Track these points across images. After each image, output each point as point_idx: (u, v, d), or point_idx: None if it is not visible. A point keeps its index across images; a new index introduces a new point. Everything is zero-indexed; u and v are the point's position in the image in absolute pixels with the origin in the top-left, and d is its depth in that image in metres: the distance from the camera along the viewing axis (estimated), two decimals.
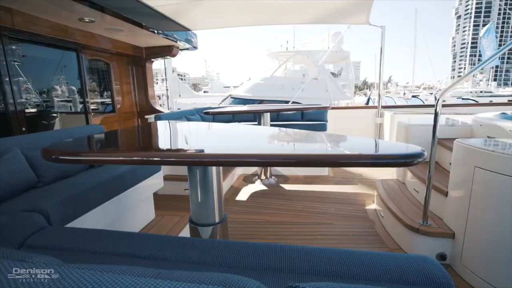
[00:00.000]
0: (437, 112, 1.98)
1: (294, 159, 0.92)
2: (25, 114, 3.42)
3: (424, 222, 2.13)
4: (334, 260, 0.88)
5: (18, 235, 1.08)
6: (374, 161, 0.89)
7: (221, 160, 1.14)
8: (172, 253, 0.95)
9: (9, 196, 1.67)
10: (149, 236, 1.16)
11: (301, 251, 0.96)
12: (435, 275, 0.80)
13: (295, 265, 0.89)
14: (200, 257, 0.92)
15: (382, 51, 4.98)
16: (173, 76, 21.02)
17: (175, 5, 3.71)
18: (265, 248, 1.03)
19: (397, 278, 0.80)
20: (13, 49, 3.60)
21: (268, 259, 0.97)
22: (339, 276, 0.82)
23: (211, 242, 1.06)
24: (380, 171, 4.38)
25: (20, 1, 2.92)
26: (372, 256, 0.88)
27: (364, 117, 5.42)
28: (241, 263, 0.93)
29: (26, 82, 3.82)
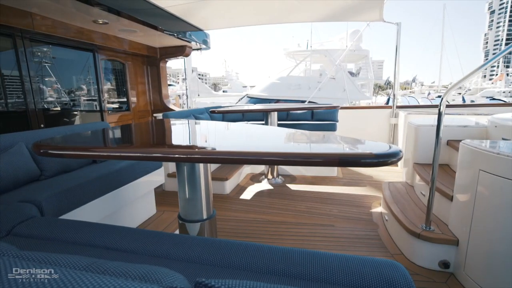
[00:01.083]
0: (440, 112, 1.88)
1: (251, 157, 0.91)
2: (47, 111, 3.65)
3: (427, 227, 2.03)
4: (296, 260, 0.86)
5: (7, 224, 1.15)
6: (342, 160, 0.86)
7: (198, 156, 1.15)
8: (140, 247, 0.97)
9: (11, 188, 1.79)
10: (129, 230, 1.19)
11: (274, 251, 0.95)
12: (396, 282, 0.76)
13: (255, 264, 0.88)
14: (166, 251, 0.94)
15: (398, 49, 4.80)
16: (193, 76, 21.43)
17: (185, 5, 3.78)
18: (238, 246, 1.02)
19: (356, 282, 0.77)
20: (44, 51, 3.86)
21: (238, 258, 0.97)
22: (295, 276, 0.80)
23: (185, 237, 1.07)
24: (391, 173, 4.23)
25: (39, 5, 3.10)
26: (338, 259, 0.86)
27: (378, 118, 5.25)
28: (204, 259, 0.93)
29: (56, 82, 4.10)
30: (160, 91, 5.77)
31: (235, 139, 1.64)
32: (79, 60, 4.35)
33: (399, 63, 4.79)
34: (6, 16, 3.04)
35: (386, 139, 5.25)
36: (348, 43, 13.80)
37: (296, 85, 13.58)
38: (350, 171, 4.41)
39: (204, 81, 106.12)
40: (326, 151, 0.93)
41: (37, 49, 3.78)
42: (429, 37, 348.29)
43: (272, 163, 0.93)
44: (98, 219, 1.92)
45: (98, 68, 4.42)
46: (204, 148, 1.28)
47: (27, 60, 3.43)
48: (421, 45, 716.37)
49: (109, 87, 5.04)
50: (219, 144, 1.49)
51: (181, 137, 1.72)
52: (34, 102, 3.47)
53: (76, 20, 3.61)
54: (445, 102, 1.87)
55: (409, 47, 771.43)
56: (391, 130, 5.13)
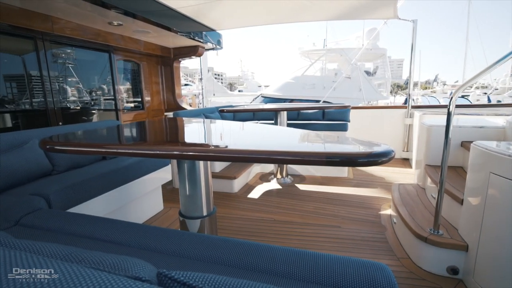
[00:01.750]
0: (450, 112, 1.81)
1: (238, 154, 0.91)
2: (67, 110, 3.84)
3: (435, 231, 1.96)
4: (280, 258, 0.86)
5: (16, 214, 1.22)
6: (329, 159, 0.85)
7: (194, 154, 1.17)
8: (132, 239, 1.00)
9: (25, 181, 1.90)
10: (129, 224, 1.23)
11: (259, 248, 0.95)
12: (379, 284, 0.74)
13: (239, 260, 0.88)
14: (157, 246, 0.96)
15: (413, 47, 4.65)
16: (208, 76, 21.72)
17: (196, 6, 3.84)
18: (227, 242, 1.04)
19: (338, 282, 0.75)
20: (68, 53, 4.07)
21: (225, 254, 0.98)
22: (277, 274, 0.79)
23: (176, 232, 1.09)
24: (404, 175, 4.12)
25: (59, 9, 3.25)
26: (322, 258, 0.85)
27: (392, 118, 5.11)
28: (191, 254, 0.95)
29: (78, 82, 4.31)
30: (174, 90, 5.89)
31: (230, 137, 1.66)
32: (100, 61, 4.54)
33: (414, 62, 4.64)
34: (28, 19, 3.21)
35: (401, 140, 5.10)
36: (364, 42, 13.48)
37: (311, 84, 13.43)
38: (362, 172, 4.32)
39: (220, 81, 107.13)
40: (313, 150, 0.92)
41: (61, 50, 4.00)
42: (454, 34, 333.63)
43: (255, 161, 0.93)
44: (104, 214, 1.99)
45: (113, 68, 4.58)
46: (203, 146, 1.30)
47: (47, 61, 3.60)
48: (444, 43, 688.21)
49: (128, 87, 5.25)
50: (217, 142, 1.51)
51: (183, 135, 1.76)
52: (53, 101, 3.64)
53: (92, 22, 3.75)
54: (455, 101, 1.80)
55: (431, 44, 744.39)
56: (405, 130, 4.97)
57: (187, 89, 35.63)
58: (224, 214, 2.92)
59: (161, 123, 2.25)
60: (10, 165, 1.83)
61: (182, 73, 54.43)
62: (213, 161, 3.97)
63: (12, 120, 3.51)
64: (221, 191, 3.62)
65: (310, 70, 15.40)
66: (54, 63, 3.95)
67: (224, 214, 2.93)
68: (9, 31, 3.18)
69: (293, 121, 4.84)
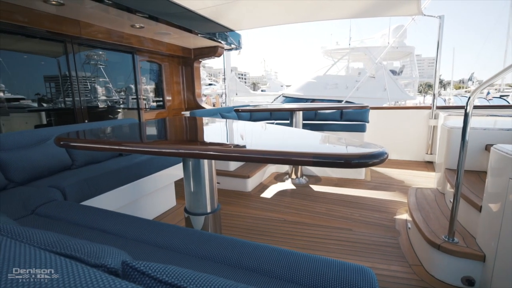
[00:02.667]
0: (467, 113, 1.71)
1: (226, 153, 0.93)
2: (94, 109, 4.12)
3: (450, 238, 1.86)
4: (264, 256, 0.87)
5: (33, 204, 1.33)
6: (316, 160, 0.84)
7: (196, 152, 1.21)
8: (130, 232, 1.05)
9: (46, 174, 2.06)
10: (134, 219, 1.29)
11: (245, 246, 0.96)
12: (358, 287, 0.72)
13: (224, 256, 0.90)
14: (153, 239, 1.01)
15: (439, 44, 4.41)
16: (231, 76, 21.97)
17: (214, 7, 3.91)
18: (217, 238, 1.06)
19: (317, 282, 0.75)
20: (99, 54, 4.37)
21: (213, 250, 1.00)
22: (258, 271, 0.80)
23: (180, 229, 1.13)
24: (425, 179, 3.93)
25: (87, 15, 3.46)
26: (305, 258, 0.84)
27: (415, 119, 4.88)
28: (182, 248, 0.98)
29: (108, 82, 4.60)
30: (194, 90, 6.03)
31: (230, 136, 1.68)
32: (127, 62, 4.79)
33: (440, 61, 4.40)
34: (59, 24, 3.45)
35: (424, 142, 4.86)
36: (390, 40, 12.95)
37: (333, 84, 13.15)
38: (380, 175, 4.18)
39: (243, 81, 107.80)
40: (301, 150, 0.92)
41: (94, 52, 4.29)
42: (493, 31, 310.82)
43: (244, 160, 0.95)
44: (116, 208, 2.10)
45: (136, 68, 4.78)
46: (205, 145, 1.33)
47: (75, 63, 3.84)
48: (483, 40, 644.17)
49: (154, 87, 5.51)
50: (217, 140, 1.54)
51: (190, 133, 1.81)
52: (80, 100, 3.88)
53: (116, 26, 3.95)
54: (473, 102, 1.70)
55: (468, 41, 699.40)
56: (429, 132, 4.73)
57: (211, 88, 36.30)
58: (235, 213, 2.95)
59: (173, 121, 2.33)
60: (33, 159, 1.99)
61: (207, 73, 55.29)
62: (210, 159, 4.07)
63: (47, 117, 3.81)
64: (235, 189, 3.66)
65: (333, 70, 15.07)
66: (87, 64, 4.26)
67: (235, 212, 2.96)
68: (44, 36, 3.45)
69: (310, 121, 4.78)
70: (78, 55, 3.89)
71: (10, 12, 2.93)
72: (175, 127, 2.08)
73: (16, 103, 3.50)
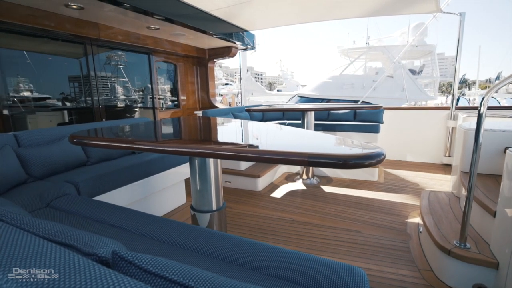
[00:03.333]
0: (480, 114, 1.64)
1: (220, 151, 0.95)
2: (112, 108, 4.30)
3: (461, 244, 1.80)
4: (259, 253, 0.88)
5: (48, 198, 1.41)
6: (312, 160, 0.84)
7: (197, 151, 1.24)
8: (133, 226, 1.10)
9: (62, 170, 2.17)
10: (142, 215, 1.35)
11: (241, 243, 0.98)
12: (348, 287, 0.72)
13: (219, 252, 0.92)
14: (155, 234, 1.05)
15: (460, 42, 4.24)
16: (247, 75, 22.09)
17: (227, 8, 3.96)
18: (213, 234, 1.09)
19: (308, 281, 0.75)
20: (120, 55, 4.56)
21: (210, 246, 1.03)
22: (252, 268, 0.82)
23: (185, 226, 1.17)
24: (441, 182, 3.80)
25: (105, 18, 3.60)
26: (299, 257, 0.85)
27: (432, 120, 4.72)
28: (183, 244, 1.01)
29: (127, 82, 4.79)
30: (208, 90, 6.12)
31: (231, 136, 1.71)
32: (146, 63, 4.95)
33: (460, 60, 4.23)
34: (79, 27, 3.61)
35: (442, 144, 4.70)
36: (409, 38, 12.53)
37: (349, 84, 12.90)
38: (394, 177, 4.08)
39: (260, 80, 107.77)
40: (297, 150, 0.92)
41: (114, 53, 4.48)
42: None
43: (239, 159, 0.96)
44: (127, 203, 2.18)
45: (152, 69, 4.92)
46: (211, 144, 1.36)
47: (94, 64, 4.00)
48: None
49: (170, 86, 5.67)
50: (220, 140, 1.57)
51: (196, 132, 1.85)
52: (98, 100, 4.04)
53: (133, 27, 4.08)
54: (486, 102, 1.63)
55: (496, 39, 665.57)
56: (448, 134, 4.56)
57: (227, 88, 36.60)
58: (243, 212, 2.98)
59: (183, 121, 2.39)
60: (51, 156, 2.12)
61: (223, 72, 55.61)
62: (208, 158, 4.13)
63: (68, 116, 4.01)
64: (245, 188, 3.69)
65: (350, 69, 14.80)
66: (108, 64, 4.46)
67: (244, 211, 2.99)
68: (67, 38, 3.64)
69: (323, 121, 4.74)
70: (97, 56, 4.05)
71: (36, 17, 3.11)
72: (185, 126, 2.14)
73: (42, 102, 3.72)
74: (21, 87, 3.47)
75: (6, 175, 1.76)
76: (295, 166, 4.42)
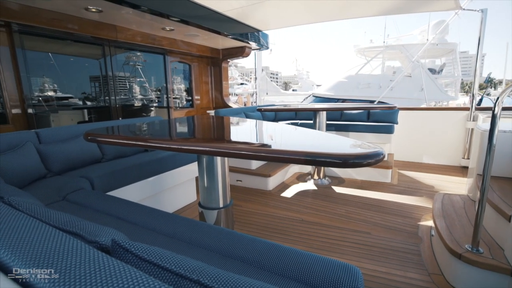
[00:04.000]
0: (495, 115, 1.59)
1: (220, 149, 0.97)
2: (129, 107, 4.47)
3: (473, 248, 1.74)
4: (256, 249, 0.90)
5: (65, 191, 1.50)
6: (309, 158, 0.86)
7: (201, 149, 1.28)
8: (143, 221, 1.15)
9: (79, 166, 2.29)
10: (151, 210, 1.41)
11: (239, 238, 1.01)
12: (341, 284, 0.73)
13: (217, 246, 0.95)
14: (161, 228, 1.10)
15: (481, 40, 4.07)
16: (262, 75, 22.10)
17: (239, 8, 4.00)
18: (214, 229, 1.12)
19: (302, 276, 0.77)
20: (138, 55, 4.73)
21: (210, 240, 1.06)
22: (247, 261, 0.84)
23: (190, 221, 1.21)
24: (458, 185, 3.67)
25: (123, 20, 3.73)
26: (294, 253, 0.87)
27: (451, 121, 4.56)
28: (185, 237, 1.05)
29: (145, 82, 4.96)
30: (221, 89, 6.20)
31: (236, 135, 1.74)
32: (162, 63, 5.10)
33: (481, 58, 4.06)
34: (99, 29, 3.76)
35: (461, 146, 4.53)
36: (429, 36, 12.09)
37: (365, 84, 12.64)
38: (409, 179, 3.99)
39: (275, 80, 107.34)
40: (294, 149, 0.94)
41: (132, 53, 4.65)
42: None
43: (235, 156, 0.98)
44: (139, 199, 2.26)
45: (167, 69, 5.05)
46: (217, 142, 1.40)
47: (112, 64, 4.16)
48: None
49: (186, 86, 5.81)
50: (226, 138, 1.60)
51: (204, 131, 1.89)
52: (115, 99, 4.20)
53: (149, 29, 4.21)
54: (501, 103, 1.58)
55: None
56: (467, 135, 4.39)
57: (242, 88, 36.77)
58: (253, 210, 3.01)
59: (194, 120, 2.44)
60: (69, 152, 2.24)
61: (239, 72, 55.86)
62: (212, 156, 4.19)
63: (88, 115, 4.20)
64: (256, 187, 3.72)
65: (366, 69, 14.47)
66: (126, 65, 4.64)
67: (253, 210, 3.02)
68: (87, 40, 3.81)
69: (336, 121, 4.69)
70: (115, 57, 4.20)
71: (61, 20, 3.28)
72: (194, 125, 2.19)
73: (65, 101, 3.92)
74: (46, 87, 3.68)
75: (27, 169, 1.88)
76: (307, 166, 4.40)
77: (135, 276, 0.45)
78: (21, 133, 2.21)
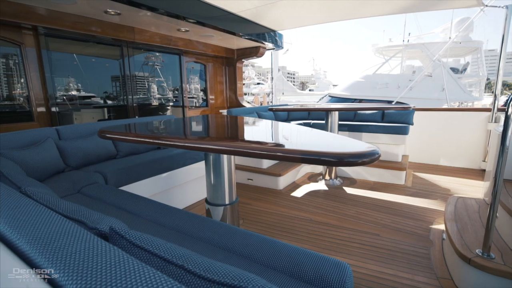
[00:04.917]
0: (508, 115, 1.54)
1: (221, 146, 1.01)
2: (146, 106, 4.65)
3: (484, 253, 1.69)
4: (251, 243, 0.93)
5: (80, 184, 1.59)
6: (304, 157, 0.88)
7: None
8: (149, 215, 1.21)
9: (95, 162, 2.41)
10: (159, 205, 1.48)
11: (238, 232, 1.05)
12: (330, 280, 0.75)
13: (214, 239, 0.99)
14: (167, 222, 1.15)
15: (505, 38, 3.90)
16: (278, 75, 22.07)
17: (253, 9, 4.04)
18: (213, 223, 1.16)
19: (291, 270, 0.79)
20: (157, 56, 4.91)
21: (209, 233, 1.11)
22: (241, 254, 0.87)
23: (196, 217, 1.27)
24: (475, 189, 3.54)
25: (141, 22, 3.87)
26: (286, 248, 0.89)
27: (471, 122, 4.38)
28: (187, 230, 1.10)
29: (163, 81, 5.14)
30: (236, 89, 6.27)
31: (237, 134, 1.77)
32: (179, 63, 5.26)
33: (504, 56, 3.88)
34: (117, 31, 3.92)
35: (481, 149, 4.35)
36: (452, 34, 11.59)
37: (383, 83, 12.31)
38: (424, 181, 3.88)
39: (292, 80, 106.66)
40: (291, 148, 0.96)
41: (151, 54, 4.83)
42: None
43: (231, 153, 1.02)
44: (150, 195, 2.35)
45: (182, 68, 5.17)
46: (223, 140, 1.45)
47: (129, 65, 4.32)
48: None
49: (203, 86, 5.95)
50: (230, 136, 1.64)
51: (212, 130, 1.95)
52: (132, 98, 4.36)
53: (165, 30, 4.33)
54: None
55: None
56: (487, 137, 4.21)
57: (259, 87, 36.84)
58: (262, 209, 3.04)
59: (205, 119, 2.51)
60: (86, 148, 2.37)
61: (256, 72, 56.00)
62: (217, 153, 4.24)
63: (108, 113, 4.39)
64: (266, 186, 3.75)
65: (385, 68, 14.10)
66: (145, 65, 4.82)
67: (262, 208, 3.05)
68: (106, 42, 3.99)
69: (349, 121, 4.63)
70: (132, 58, 4.36)
71: (84, 23, 3.46)
72: (205, 123, 2.25)
73: (88, 100, 4.14)
74: (70, 87, 3.90)
75: (47, 164, 2.01)
76: (318, 166, 4.38)
77: (126, 260, 0.49)
78: (43, 129, 2.36)
